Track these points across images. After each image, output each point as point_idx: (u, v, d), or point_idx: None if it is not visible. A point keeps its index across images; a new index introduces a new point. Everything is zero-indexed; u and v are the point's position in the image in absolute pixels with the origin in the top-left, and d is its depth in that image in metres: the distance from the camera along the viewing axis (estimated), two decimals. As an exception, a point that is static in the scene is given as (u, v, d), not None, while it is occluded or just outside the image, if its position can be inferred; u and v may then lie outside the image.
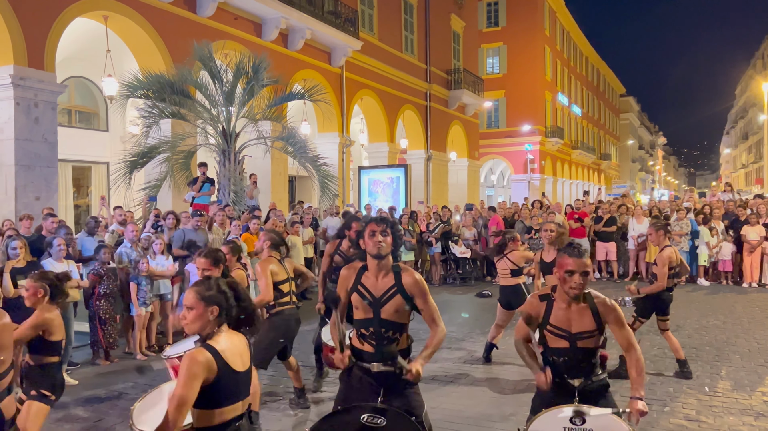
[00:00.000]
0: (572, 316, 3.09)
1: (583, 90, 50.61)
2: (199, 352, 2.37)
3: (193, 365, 2.32)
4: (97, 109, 15.99)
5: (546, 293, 3.21)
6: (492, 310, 10.02)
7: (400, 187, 18.35)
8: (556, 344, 3.11)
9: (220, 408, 2.41)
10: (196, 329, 2.49)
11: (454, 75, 26.28)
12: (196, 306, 2.48)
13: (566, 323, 3.09)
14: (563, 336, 3.09)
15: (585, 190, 34.70)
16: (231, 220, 9.57)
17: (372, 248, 3.19)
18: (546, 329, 3.14)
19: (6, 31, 9.92)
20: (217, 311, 2.49)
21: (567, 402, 2.98)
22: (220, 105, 11.59)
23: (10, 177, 10.01)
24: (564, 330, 3.09)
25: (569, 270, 3.01)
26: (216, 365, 2.37)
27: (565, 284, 3.04)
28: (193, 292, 2.51)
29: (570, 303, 3.09)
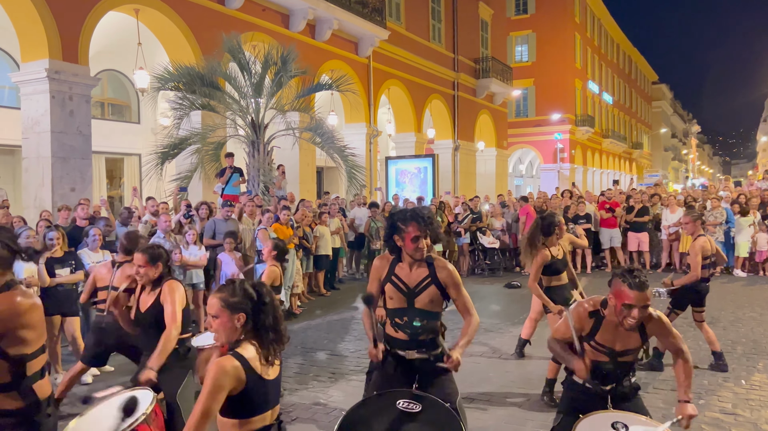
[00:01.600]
0: (619, 336, 2.99)
1: (614, 77, 49.64)
2: (227, 361, 2.25)
3: (221, 375, 2.20)
4: (129, 101, 16.26)
5: (596, 309, 3.05)
6: (520, 301, 9.97)
7: (427, 177, 18.28)
8: (595, 357, 3.04)
9: (247, 418, 2.32)
10: (224, 337, 2.35)
11: (482, 64, 26.00)
12: (220, 314, 2.33)
13: (611, 342, 3.00)
14: (605, 353, 3.02)
15: (615, 180, 34.15)
16: (261, 210, 9.66)
17: (414, 253, 3.19)
18: (589, 343, 3.06)
19: (41, 26, 10.12)
20: (244, 318, 2.34)
21: (599, 405, 2.96)
22: (249, 96, 11.67)
23: (47, 169, 10.26)
24: (608, 348, 3.01)
25: (628, 304, 2.82)
26: (244, 374, 2.26)
27: (620, 315, 2.87)
28: (217, 299, 2.36)
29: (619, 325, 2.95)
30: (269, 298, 2.41)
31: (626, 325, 2.86)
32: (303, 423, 4.86)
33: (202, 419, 2.18)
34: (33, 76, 10.27)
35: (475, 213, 13.56)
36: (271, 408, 2.42)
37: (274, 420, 2.45)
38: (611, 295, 2.92)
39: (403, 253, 3.25)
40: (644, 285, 2.80)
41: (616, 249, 13.42)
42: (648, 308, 2.85)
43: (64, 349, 6.54)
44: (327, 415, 5.00)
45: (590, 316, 3.05)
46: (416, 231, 3.13)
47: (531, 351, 6.61)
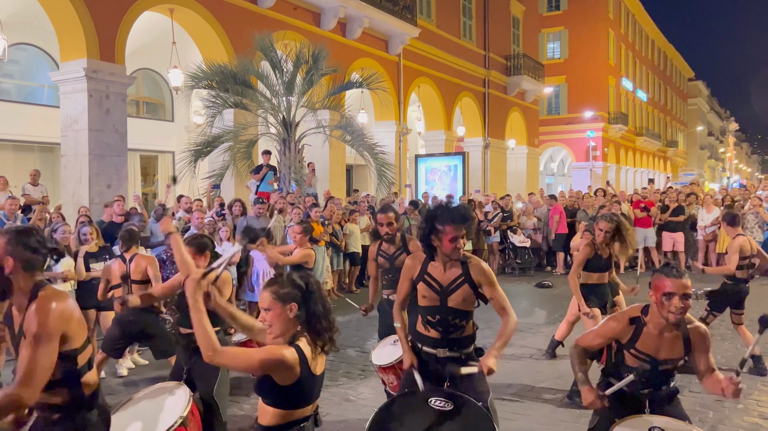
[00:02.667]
0: (662, 344, 2.89)
1: (648, 74, 48.65)
2: (288, 350, 2.29)
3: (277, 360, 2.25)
4: (163, 100, 16.55)
5: (636, 315, 2.97)
6: (552, 301, 9.87)
7: (457, 175, 18.19)
8: (635, 365, 2.92)
9: (291, 409, 2.37)
10: (278, 330, 2.38)
11: (514, 61, 25.75)
12: (273, 306, 2.37)
13: (653, 350, 2.90)
14: (646, 361, 2.90)
15: (650, 178, 33.51)
16: (293, 207, 9.72)
17: (452, 253, 3.16)
18: (629, 351, 2.96)
19: (80, 27, 10.36)
20: (296, 308, 2.37)
21: (635, 409, 2.88)
22: (280, 94, 11.77)
23: (84, 166, 10.50)
24: (649, 356, 2.90)
25: (668, 292, 2.76)
26: (299, 368, 2.30)
27: (663, 308, 2.79)
28: (268, 292, 2.40)
29: (663, 330, 2.87)
30: (317, 287, 2.44)
31: (671, 319, 2.78)
32: (333, 419, 4.88)
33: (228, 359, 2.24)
34: (71, 75, 10.52)
35: (506, 211, 13.44)
36: (313, 401, 2.47)
37: (313, 412, 2.49)
38: (651, 292, 2.85)
39: (438, 252, 3.23)
40: (681, 273, 2.76)
41: (650, 249, 13.16)
42: (689, 298, 2.77)
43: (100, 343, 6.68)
44: (357, 412, 5.01)
45: (630, 323, 2.96)
46: (454, 232, 3.10)
47: (563, 351, 6.52)
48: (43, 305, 2.32)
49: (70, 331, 2.37)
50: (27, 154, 13.62)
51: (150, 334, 5.26)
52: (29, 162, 13.02)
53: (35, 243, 2.42)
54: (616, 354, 3.03)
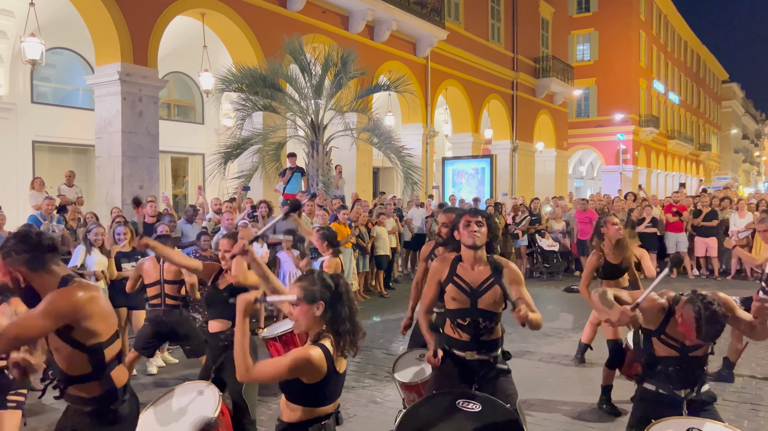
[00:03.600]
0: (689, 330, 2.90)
1: (681, 76, 47.77)
2: (315, 349, 2.33)
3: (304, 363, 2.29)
4: (194, 102, 16.81)
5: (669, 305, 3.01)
6: (581, 306, 9.72)
7: (485, 178, 18.09)
8: (665, 353, 2.97)
9: (315, 407, 2.40)
10: (303, 326, 2.43)
11: (543, 63, 25.53)
12: (300, 302, 2.41)
13: (682, 336, 2.93)
14: (675, 348, 2.95)
15: (681, 182, 32.86)
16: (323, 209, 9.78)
17: (467, 238, 3.18)
18: (659, 338, 2.99)
19: (115, 32, 10.60)
20: (323, 306, 2.40)
21: (673, 414, 2.85)
22: (309, 97, 11.86)
23: (118, 167, 10.72)
24: (678, 341, 2.94)
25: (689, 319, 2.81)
26: (326, 366, 2.33)
27: None
28: (297, 288, 2.43)
29: None
30: (346, 289, 2.47)
31: None
32: (360, 420, 4.89)
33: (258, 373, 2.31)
34: (106, 79, 10.76)
35: (534, 215, 13.32)
36: (337, 398, 2.50)
37: (335, 409, 2.52)
38: (680, 316, 2.86)
39: (464, 251, 3.24)
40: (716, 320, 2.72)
41: (682, 254, 12.91)
42: None
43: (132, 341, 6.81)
44: (383, 413, 5.01)
45: (660, 311, 3.00)
46: (468, 217, 3.21)
47: (592, 356, 6.43)
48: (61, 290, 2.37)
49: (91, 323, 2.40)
50: (62, 156, 13.96)
51: (181, 334, 5.34)
52: (65, 163, 13.34)
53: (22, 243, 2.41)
54: (644, 343, 3.03)
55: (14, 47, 11.99)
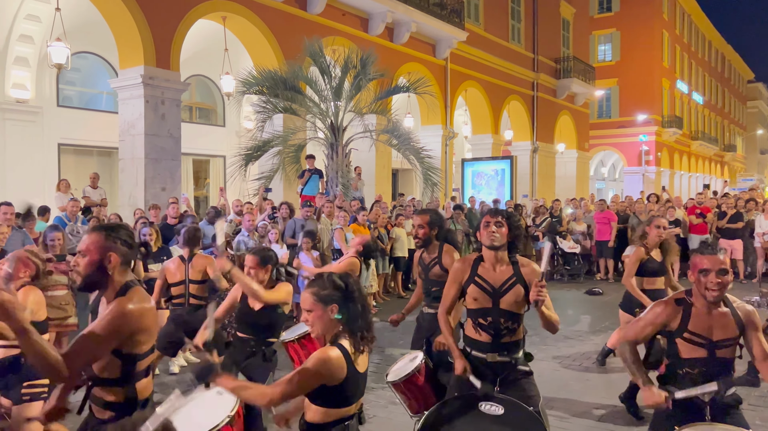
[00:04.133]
0: (714, 323, 2.82)
1: (705, 76, 47.05)
2: (332, 350, 2.34)
3: (325, 365, 2.30)
4: (215, 105, 16.98)
5: (681, 297, 2.93)
6: (602, 308, 9.65)
7: (504, 180, 18.00)
8: (691, 354, 2.85)
9: (337, 408, 2.41)
10: (320, 331, 2.43)
11: (563, 63, 25.33)
12: (314, 307, 2.42)
13: (707, 330, 2.82)
14: (702, 345, 2.83)
15: (705, 184, 32.37)
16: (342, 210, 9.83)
17: (485, 239, 3.19)
18: (683, 337, 2.87)
19: (138, 36, 10.75)
20: (336, 309, 2.41)
21: (697, 419, 2.75)
22: (328, 100, 11.92)
23: (140, 169, 10.87)
24: (704, 337, 2.82)
25: (704, 269, 2.76)
26: (345, 366, 2.34)
27: (701, 286, 2.79)
28: (308, 294, 2.44)
29: (710, 308, 2.82)
30: (356, 287, 2.48)
31: (709, 296, 2.76)
32: (380, 421, 4.90)
33: (285, 396, 2.30)
34: (129, 82, 10.92)
35: (555, 216, 13.21)
36: (358, 399, 2.49)
37: (358, 409, 2.52)
38: (690, 272, 2.86)
39: (485, 251, 3.24)
40: (716, 250, 2.80)
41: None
42: (726, 274, 2.75)
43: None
44: (403, 414, 4.99)
45: (677, 304, 2.90)
46: (487, 218, 3.22)
47: (615, 360, 6.37)
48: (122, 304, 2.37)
49: (138, 336, 2.41)
50: (87, 158, 14.19)
51: None
52: (89, 165, 13.56)
53: (128, 238, 2.49)
54: (669, 349, 2.94)
55: (41, 52, 12.23)
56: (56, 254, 5.96)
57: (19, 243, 6.31)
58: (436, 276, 4.17)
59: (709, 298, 2.77)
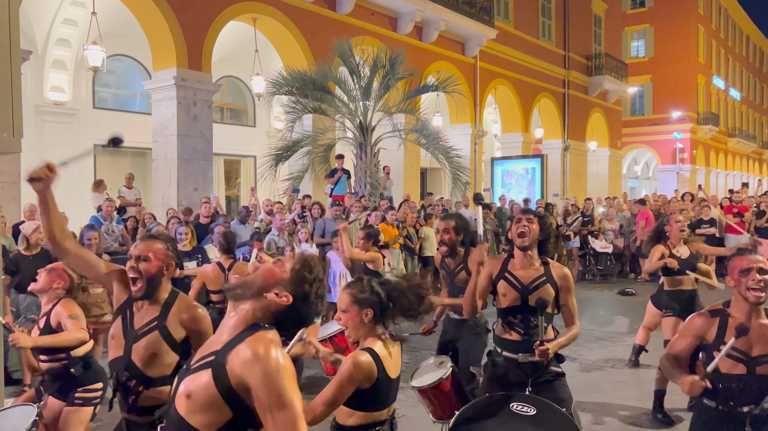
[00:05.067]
0: (753, 335, 2.62)
1: (742, 72, 45.83)
2: (362, 355, 2.35)
3: (356, 370, 2.31)
4: (246, 106, 17.17)
5: (718, 308, 2.77)
6: (635, 309, 9.47)
7: (535, 179, 17.80)
8: (729, 370, 2.66)
9: (369, 412, 2.41)
10: (353, 333, 2.45)
11: (595, 60, 24.95)
12: (350, 308, 2.43)
13: (746, 344, 2.63)
14: (740, 360, 2.64)
15: (744, 182, 31.53)
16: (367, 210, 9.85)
17: (516, 237, 3.20)
18: (719, 351, 2.69)
19: (171, 38, 10.94)
20: (371, 314, 2.42)
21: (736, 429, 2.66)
22: (357, 99, 11.95)
23: (173, 169, 11.05)
24: (742, 352, 2.64)
25: (744, 268, 2.63)
26: (376, 371, 2.35)
27: (742, 286, 2.64)
28: (347, 294, 2.46)
29: (750, 318, 2.64)
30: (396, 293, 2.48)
31: (751, 297, 2.61)
32: (409, 421, 4.90)
33: (328, 408, 2.30)
34: (162, 84, 11.12)
35: (587, 216, 13.02)
36: (389, 405, 2.48)
37: (389, 416, 2.51)
38: (729, 278, 2.73)
39: (515, 250, 3.24)
40: (754, 250, 2.72)
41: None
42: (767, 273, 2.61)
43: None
44: (432, 415, 5.00)
45: (712, 315, 2.75)
46: (518, 215, 3.25)
47: (647, 359, 6.26)
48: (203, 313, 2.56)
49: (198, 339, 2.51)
50: (121, 159, 14.49)
51: None
52: (123, 166, 13.84)
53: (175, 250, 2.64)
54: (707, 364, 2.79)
55: (77, 55, 12.53)
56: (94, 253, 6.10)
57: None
58: (461, 282, 4.11)
59: (752, 299, 2.61)
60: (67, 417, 3.42)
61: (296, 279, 1.77)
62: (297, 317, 1.79)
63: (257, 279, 1.77)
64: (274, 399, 1.59)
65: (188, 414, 1.68)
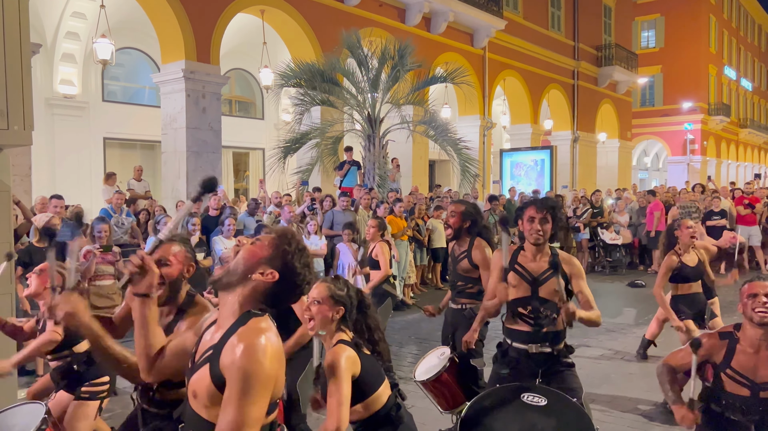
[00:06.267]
0: (760, 363, 2.67)
1: (754, 62, 45.32)
2: (341, 349, 2.44)
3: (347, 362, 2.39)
4: (254, 98, 17.18)
5: (728, 331, 2.81)
6: (645, 301, 9.43)
7: (544, 170, 17.73)
8: (734, 390, 2.72)
9: (369, 397, 2.49)
10: (318, 323, 2.50)
11: (605, 51, 24.75)
12: (324, 302, 2.50)
13: (751, 371, 2.68)
14: (745, 385, 2.69)
15: (756, 173, 31.26)
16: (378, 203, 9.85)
17: (529, 235, 3.16)
18: (725, 373, 2.76)
19: (179, 31, 10.95)
20: (342, 313, 2.49)
21: None
22: (366, 91, 11.92)
23: (182, 162, 11.09)
24: (747, 378, 2.68)
25: (752, 293, 2.71)
26: (358, 357, 2.45)
27: (748, 309, 2.71)
28: (325, 287, 2.51)
29: (759, 347, 2.69)
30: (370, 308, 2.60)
31: (757, 319, 2.65)
32: (419, 411, 4.90)
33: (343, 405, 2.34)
34: (171, 77, 11.14)
35: (596, 207, 12.96)
36: (383, 379, 2.57)
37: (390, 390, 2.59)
38: (739, 304, 2.78)
39: (525, 242, 3.23)
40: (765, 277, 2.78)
41: (755, 248, 12.29)
42: None
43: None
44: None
45: (721, 338, 2.80)
46: (533, 212, 3.14)
47: (657, 352, 6.23)
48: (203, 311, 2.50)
49: None
50: (131, 152, 14.57)
51: None
52: (133, 159, 13.91)
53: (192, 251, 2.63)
54: (714, 381, 2.83)
55: (86, 48, 12.57)
56: (103, 245, 6.15)
57: (68, 235, 6.53)
58: (462, 270, 4.11)
59: (756, 320, 2.67)
60: (73, 410, 3.45)
61: (278, 254, 1.76)
62: (288, 290, 1.78)
63: (239, 265, 1.76)
64: (234, 396, 1.59)
65: (201, 410, 1.72)
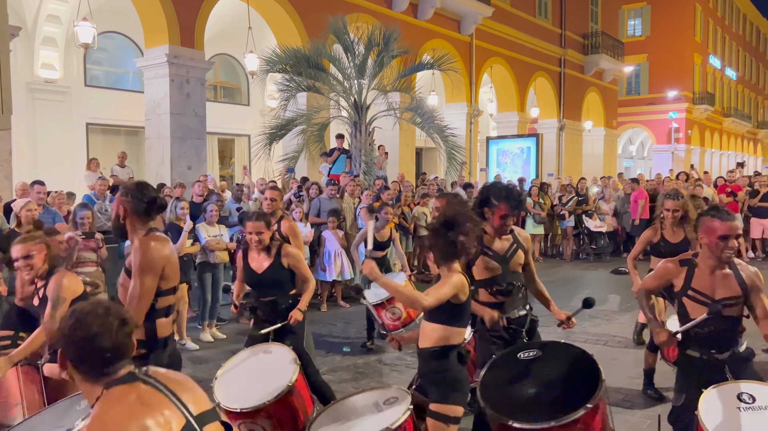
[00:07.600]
0: (716, 282, 2.98)
1: (739, 51, 45.65)
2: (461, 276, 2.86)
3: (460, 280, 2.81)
4: (240, 84, 17.02)
5: (687, 258, 3.12)
6: (628, 288, 9.50)
7: (530, 158, 17.78)
8: (698, 313, 2.98)
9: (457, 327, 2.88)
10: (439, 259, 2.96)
11: (591, 39, 24.79)
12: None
13: (710, 289, 2.99)
14: (705, 304, 2.96)
15: (739, 162, 31.59)
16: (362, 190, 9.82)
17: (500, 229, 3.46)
18: (687, 295, 3.05)
19: (162, 14, 10.78)
20: None
21: (717, 377, 2.88)
22: (352, 77, 11.83)
23: (167, 148, 10.98)
24: (707, 296, 2.98)
25: (723, 235, 2.89)
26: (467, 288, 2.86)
27: (718, 250, 2.93)
28: None
29: (714, 268, 2.99)
30: None
31: (724, 258, 2.93)
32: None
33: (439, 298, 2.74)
34: (155, 61, 10.99)
35: (581, 195, 13.04)
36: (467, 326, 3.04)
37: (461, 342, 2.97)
38: (702, 234, 2.99)
39: (488, 226, 3.44)
40: (732, 215, 2.95)
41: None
42: (739, 237, 3.01)
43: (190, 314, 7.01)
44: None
45: (681, 265, 3.09)
46: (506, 210, 3.39)
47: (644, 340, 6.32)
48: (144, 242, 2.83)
49: (166, 269, 2.84)
50: (114, 137, 14.39)
51: None
52: (116, 145, 13.75)
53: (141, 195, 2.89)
54: (679, 309, 3.12)
55: (68, 32, 12.35)
56: (85, 232, 6.08)
57: (49, 221, 6.44)
58: None
59: (725, 259, 2.94)
60: None
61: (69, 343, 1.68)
62: None
63: None
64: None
65: None
